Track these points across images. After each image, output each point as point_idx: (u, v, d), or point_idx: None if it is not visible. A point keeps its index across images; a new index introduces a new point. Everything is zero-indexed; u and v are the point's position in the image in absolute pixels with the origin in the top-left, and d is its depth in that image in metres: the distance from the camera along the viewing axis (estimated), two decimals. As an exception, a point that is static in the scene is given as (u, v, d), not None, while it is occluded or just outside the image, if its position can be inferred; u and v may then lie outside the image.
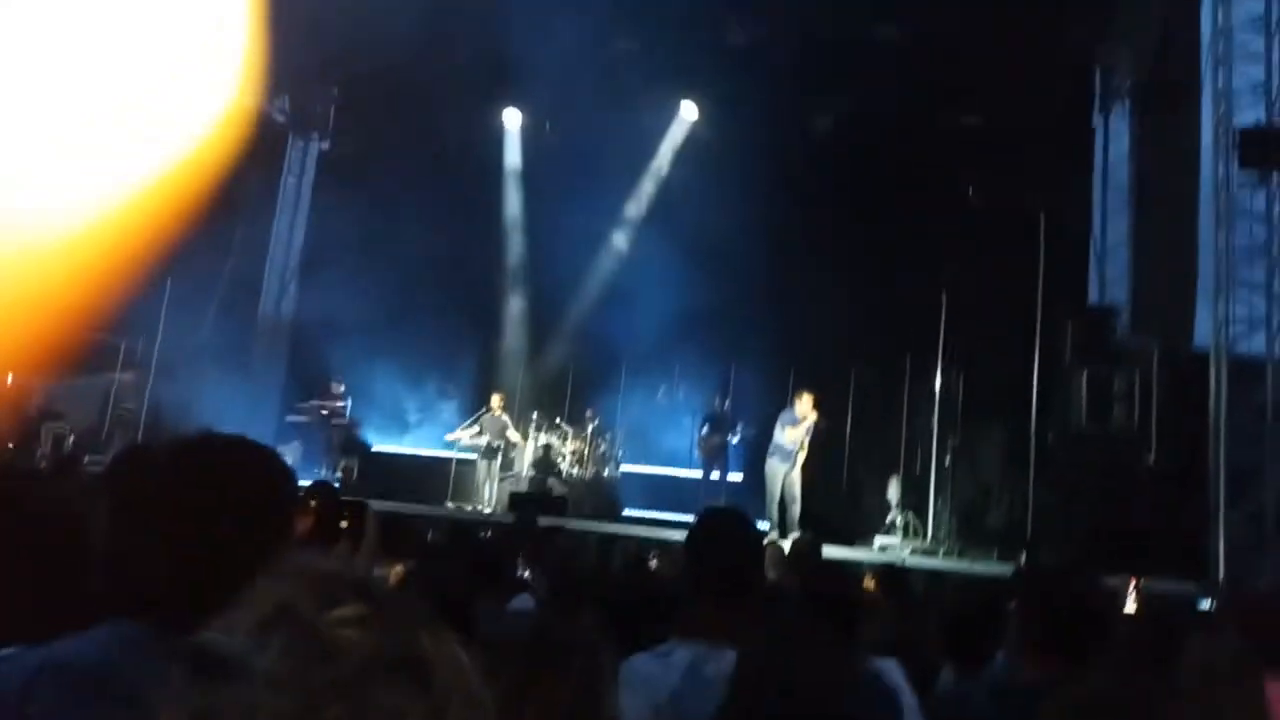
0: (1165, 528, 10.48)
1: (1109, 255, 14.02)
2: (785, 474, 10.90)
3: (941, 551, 11.22)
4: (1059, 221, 12.31)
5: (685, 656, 2.11)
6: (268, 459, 1.39)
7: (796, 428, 10.93)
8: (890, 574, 7.41)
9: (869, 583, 8.85)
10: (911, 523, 11.88)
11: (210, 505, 1.25)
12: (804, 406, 11.01)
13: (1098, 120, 14.39)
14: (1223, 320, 10.49)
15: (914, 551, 11.14)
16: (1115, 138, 14.30)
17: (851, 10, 13.03)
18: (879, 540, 11.59)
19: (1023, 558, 10.67)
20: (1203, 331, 11.09)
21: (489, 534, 8.05)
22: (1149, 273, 12.46)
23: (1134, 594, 5.71)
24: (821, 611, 2.90)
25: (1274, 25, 10.49)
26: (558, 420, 14.02)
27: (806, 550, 5.75)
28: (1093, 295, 13.68)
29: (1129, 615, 4.76)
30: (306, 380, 15.21)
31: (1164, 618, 3.06)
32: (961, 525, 12.04)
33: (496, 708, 0.71)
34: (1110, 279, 13.83)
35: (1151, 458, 11.32)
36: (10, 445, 12.59)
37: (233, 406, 12.85)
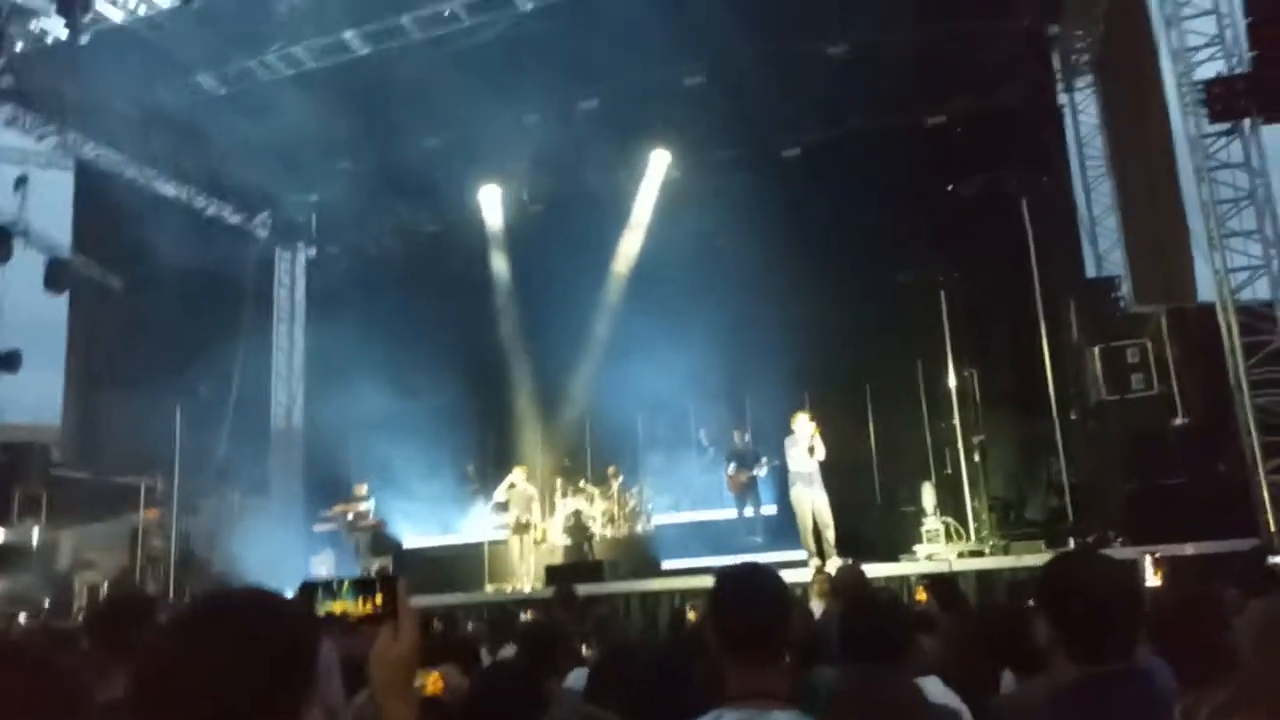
0: (1206, 485, 10.36)
1: (1098, 227, 14.02)
2: (811, 499, 10.79)
3: (987, 549, 11.07)
4: (1042, 203, 12.35)
5: None
6: (285, 613, 1.37)
7: (801, 448, 10.86)
8: (941, 583, 7.32)
9: (921, 595, 8.73)
10: (951, 526, 11.74)
11: (228, 678, 1.23)
12: (801, 426, 10.97)
13: (1063, 98, 14.47)
14: (1222, 272, 10.45)
15: (960, 554, 11.00)
16: (1083, 111, 14.38)
17: (799, 33, 13.19)
18: (922, 549, 11.44)
19: (1071, 543, 10.55)
20: (1204, 286, 11.05)
21: (528, 614, 7.98)
22: (1141, 238, 12.44)
23: (1153, 566, 5.64)
24: (866, 648, 2.87)
25: (1215, -22, 10.59)
26: (582, 483, 13.95)
27: (849, 581, 5.68)
28: (1089, 270, 13.66)
29: (1155, 590, 4.69)
30: (326, 486, 15.21)
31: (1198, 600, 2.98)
32: (1002, 520, 11.90)
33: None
34: (1104, 251, 13.82)
35: (1178, 419, 11.22)
36: (45, 603, 12.59)
37: (258, 526, 12.85)
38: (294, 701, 1.28)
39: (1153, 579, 6.90)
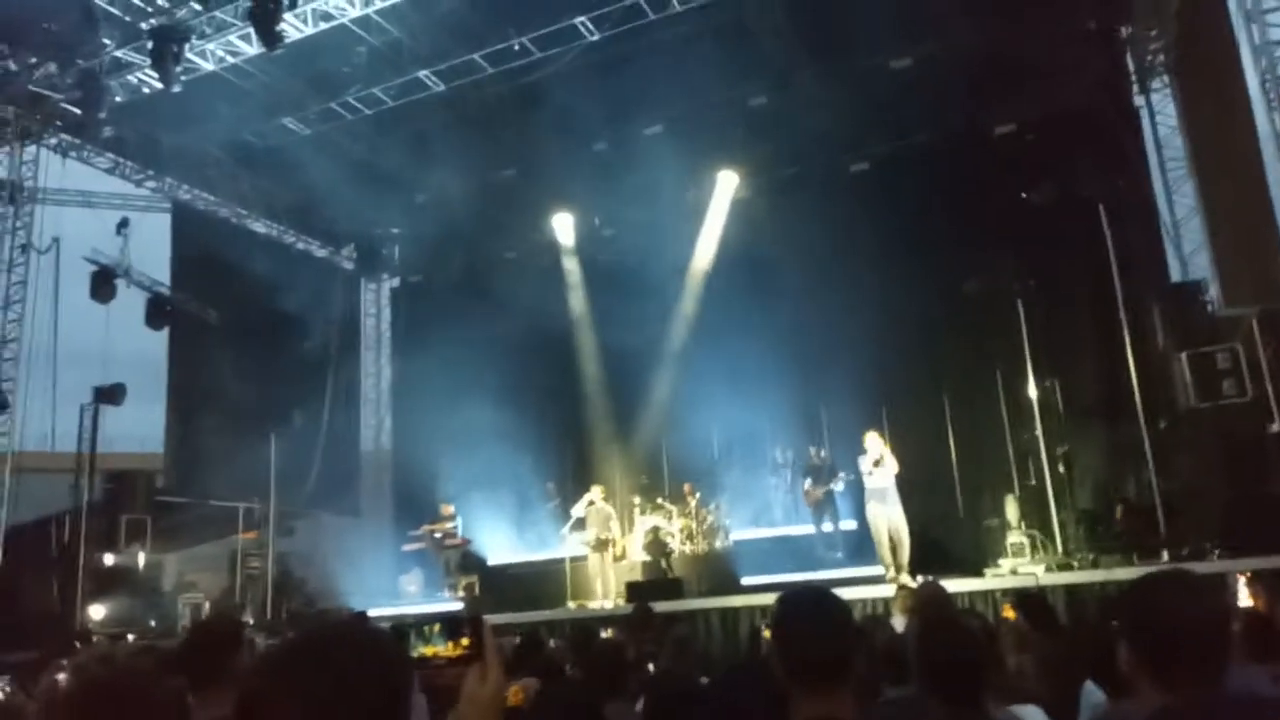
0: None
1: (1182, 230, 13.64)
2: (886, 515, 10.70)
3: (1076, 563, 10.81)
4: (1121, 207, 12.09)
5: None
6: (381, 653, 1.41)
7: (873, 466, 10.76)
8: (1029, 599, 7.19)
9: (1008, 612, 8.58)
10: (1038, 539, 11.49)
11: (324, 707, 1.30)
12: (871, 443, 10.88)
13: (1139, 100, 14.14)
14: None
15: (1048, 569, 10.77)
16: (1161, 113, 14.03)
17: (861, 48, 13.22)
18: (1008, 564, 11.23)
19: (1165, 555, 10.25)
20: (1298, 288, 10.67)
21: (608, 631, 8.11)
22: (1228, 239, 12.07)
23: (1247, 586, 5.43)
24: (942, 673, 2.75)
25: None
26: (660, 500, 14.08)
27: (930, 598, 5.65)
28: (1174, 274, 13.28)
29: (1248, 610, 4.54)
30: (414, 507, 15.65)
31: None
32: (1089, 532, 11.61)
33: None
34: (1188, 254, 13.43)
35: (1275, 425, 10.82)
36: (151, 623, 13.19)
37: (350, 546, 13.27)
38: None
39: (1245, 599, 6.52)
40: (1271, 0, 10.73)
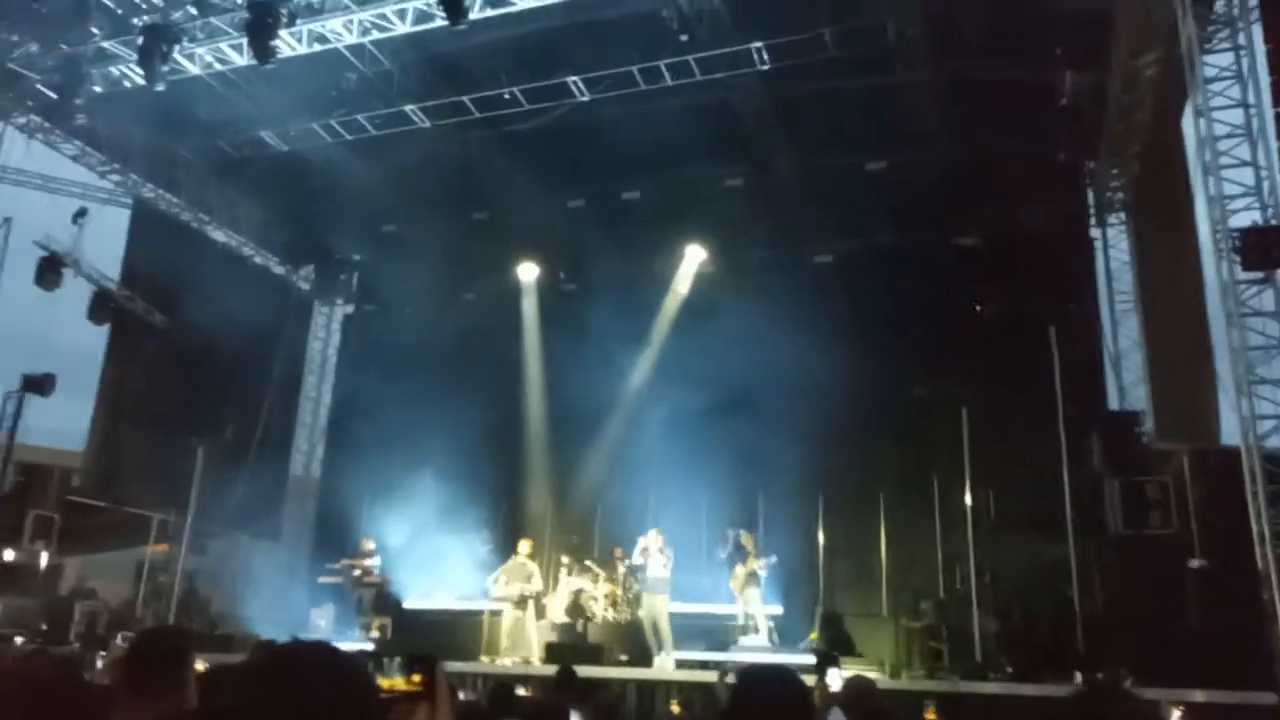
0: (1221, 632, 10.17)
1: (1123, 360, 14.12)
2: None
3: (992, 674, 10.88)
4: (1069, 331, 12.49)
5: None
6: (353, 670, 1.44)
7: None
8: (950, 702, 7.22)
9: (931, 715, 8.61)
10: (957, 647, 11.57)
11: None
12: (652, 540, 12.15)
13: (1095, 232, 14.74)
14: (1250, 418, 10.45)
15: (964, 676, 10.82)
16: (1115, 247, 14.63)
17: (840, 147, 13.64)
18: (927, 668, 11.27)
19: (1078, 678, 10.36)
20: (1229, 430, 11.04)
21: (526, 689, 7.93)
22: (1166, 376, 12.52)
23: (1180, 715, 5.51)
24: None
25: (1254, 133, 10.85)
26: (587, 563, 13.91)
27: (860, 693, 5.65)
28: (1112, 401, 13.71)
29: None
30: (335, 539, 15.23)
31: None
32: (1010, 644, 11.72)
33: None
34: (1127, 385, 13.89)
35: (1196, 561, 11.09)
36: (43, 627, 12.61)
37: (265, 572, 12.87)
38: None
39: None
40: (1229, 158, 11.28)
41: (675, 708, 8.45)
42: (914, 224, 14.05)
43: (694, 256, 15.62)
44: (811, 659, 10.53)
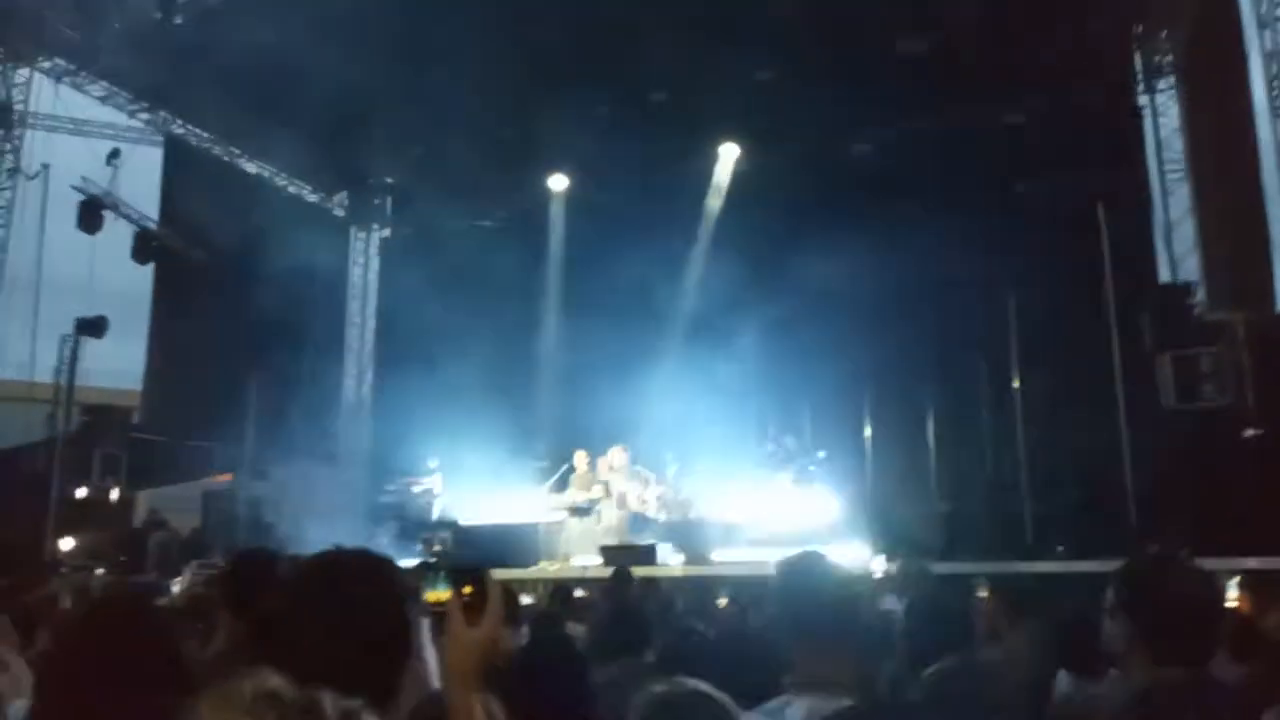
0: (1277, 499, 10.08)
1: (1174, 232, 13.70)
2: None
3: (1050, 553, 10.92)
4: (1117, 206, 12.12)
5: (799, 711, 2.06)
6: (390, 577, 1.55)
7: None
8: (1003, 582, 7.27)
9: (983, 592, 8.68)
10: (1004, 531, 11.59)
11: (337, 627, 1.42)
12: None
13: (1144, 100, 14.16)
14: (1306, 282, 10.17)
15: (1018, 558, 10.87)
16: (1164, 114, 14.06)
17: (873, 28, 13.12)
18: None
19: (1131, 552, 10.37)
20: (1286, 296, 10.76)
21: (585, 594, 8.14)
22: (1219, 244, 12.15)
23: (1238, 587, 5.47)
24: (941, 629, 2.95)
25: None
26: (637, 468, 14.08)
27: (916, 573, 5.78)
28: (1163, 274, 13.36)
29: (1233, 611, 4.59)
30: (391, 459, 15.57)
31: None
32: (1063, 525, 11.72)
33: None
34: (1179, 256, 13.50)
35: (1250, 432, 10.93)
36: (121, 559, 13.13)
37: (326, 494, 13.22)
38: (398, 659, 1.48)
39: (1232, 600, 6.49)
40: (1283, 8, 10.73)
41: (722, 602, 8.60)
42: (955, 104, 13.57)
43: (728, 155, 15.33)
44: (863, 549, 10.75)
